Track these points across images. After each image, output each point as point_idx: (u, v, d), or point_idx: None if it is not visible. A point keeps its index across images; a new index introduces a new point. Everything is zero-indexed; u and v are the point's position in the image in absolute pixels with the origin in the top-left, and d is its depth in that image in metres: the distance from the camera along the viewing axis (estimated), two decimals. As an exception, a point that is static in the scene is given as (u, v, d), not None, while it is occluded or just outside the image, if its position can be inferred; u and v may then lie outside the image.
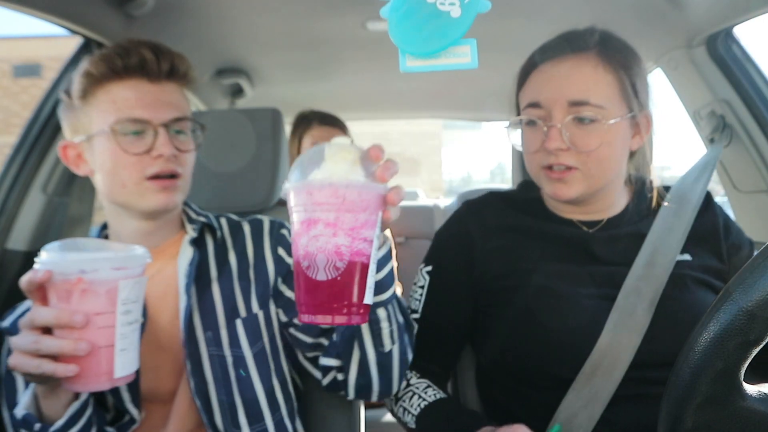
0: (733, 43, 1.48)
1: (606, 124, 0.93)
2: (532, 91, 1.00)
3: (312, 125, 2.12)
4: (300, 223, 0.65)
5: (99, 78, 0.95)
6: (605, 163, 0.96)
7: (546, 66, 0.98)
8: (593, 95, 0.93)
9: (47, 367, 0.72)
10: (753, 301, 0.50)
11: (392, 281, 0.86)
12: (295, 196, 0.65)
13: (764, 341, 0.51)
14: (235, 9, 1.51)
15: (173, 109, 0.98)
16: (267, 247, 1.10)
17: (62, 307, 0.72)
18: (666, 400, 0.54)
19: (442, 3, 0.64)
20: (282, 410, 1.05)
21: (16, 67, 15.77)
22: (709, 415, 0.52)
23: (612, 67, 0.96)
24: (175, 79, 1.00)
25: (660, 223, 1.01)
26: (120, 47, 0.95)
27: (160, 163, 0.96)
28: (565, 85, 0.95)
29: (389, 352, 0.93)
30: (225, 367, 1.01)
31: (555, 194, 0.98)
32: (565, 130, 0.94)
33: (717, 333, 0.51)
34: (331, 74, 2.17)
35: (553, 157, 0.95)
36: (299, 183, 0.64)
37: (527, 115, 0.99)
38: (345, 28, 1.66)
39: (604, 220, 1.05)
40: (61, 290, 0.72)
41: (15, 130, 1.63)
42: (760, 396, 0.53)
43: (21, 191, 1.42)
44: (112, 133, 0.94)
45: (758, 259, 0.51)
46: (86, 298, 0.72)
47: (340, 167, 0.64)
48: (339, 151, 0.65)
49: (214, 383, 1.00)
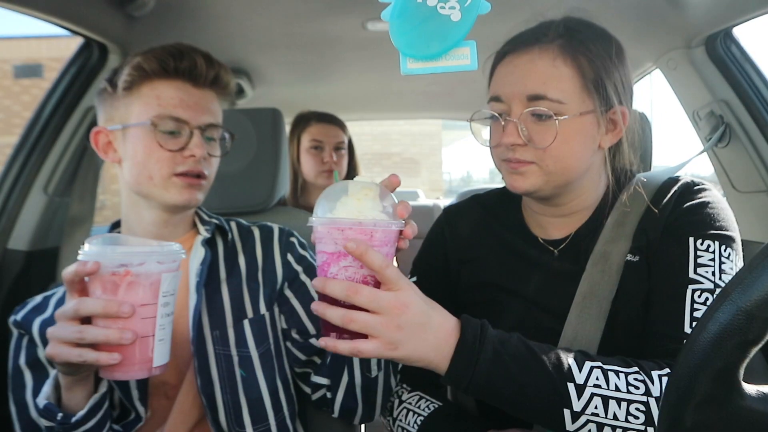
0: (732, 44, 1.48)
1: (563, 120, 0.89)
2: (495, 85, 0.97)
3: (310, 123, 2.12)
4: (330, 254, 0.72)
5: (149, 73, 0.99)
6: (564, 159, 0.91)
7: (508, 58, 0.95)
8: (551, 89, 0.89)
9: (90, 356, 0.74)
10: (751, 300, 0.50)
11: None
12: (325, 231, 0.72)
13: (763, 341, 0.51)
14: (235, 9, 1.51)
15: (210, 115, 1.03)
16: (276, 252, 1.13)
17: (108, 297, 0.75)
18: (665, 399, 0.54)
19: (442, 6, 0.64)
20: (284, 410, 1.06)
21: (17, 68, 15.78)
22: (708, 414, 0.52)
23: (573, 59, 0.90)
24: (217, 88, 1.06)
25: (611, 221, 0.97)
26: (174, 49, 1.00)
27: (191, 163, 1.00)
28: (523, 79, 0.91)
29: (375, 378, 0.99)
30: (231, 366, 1.03)
31: (512, 186, 0.95)
32: (522, 125, 0.90)
33: (716, 333, 0.51)
34: (331, 74, 2.18)
35: (511, 152, 0.92)
36: (330, 219, 0.71)
37: (490, 109, 0.96)
38: (345, 29, 1.66)
39: (570, 236, 1.00)
40: (108, 282, 0.75)
41: (16, 131, 1.64)
42: (760, 396, 0.53)
43: (22, 191, 1.42)
44: (151, 126, 0.98)
45: (757, 259, 0.51)
46: (132, 290, 0.76)
47: (364, 204, 0.73)
48: (362, 188, 0.73)
49: (219, 382, 1.01)
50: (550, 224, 1.03)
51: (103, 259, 0.75)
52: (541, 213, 1.03)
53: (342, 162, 2.15)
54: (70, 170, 1.50)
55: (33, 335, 1.00)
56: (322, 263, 0.73)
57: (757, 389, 0.54)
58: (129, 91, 1.00)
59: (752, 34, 2.65)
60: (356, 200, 0.73)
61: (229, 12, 1.52)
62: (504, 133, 0.92)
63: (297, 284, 1.11)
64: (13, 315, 1.03)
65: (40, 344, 1.00)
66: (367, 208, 0.72)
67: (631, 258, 0.94)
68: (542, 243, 1.02)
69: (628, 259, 0.94)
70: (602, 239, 0.96)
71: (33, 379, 0.99)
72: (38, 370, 1.00)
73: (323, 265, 0.73)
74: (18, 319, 1.02)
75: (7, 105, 15.44)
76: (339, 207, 0.73)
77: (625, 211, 0.96)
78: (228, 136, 1.09)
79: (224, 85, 1.06)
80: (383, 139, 16.00)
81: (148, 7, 1.40)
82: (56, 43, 14.64)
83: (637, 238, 0.94)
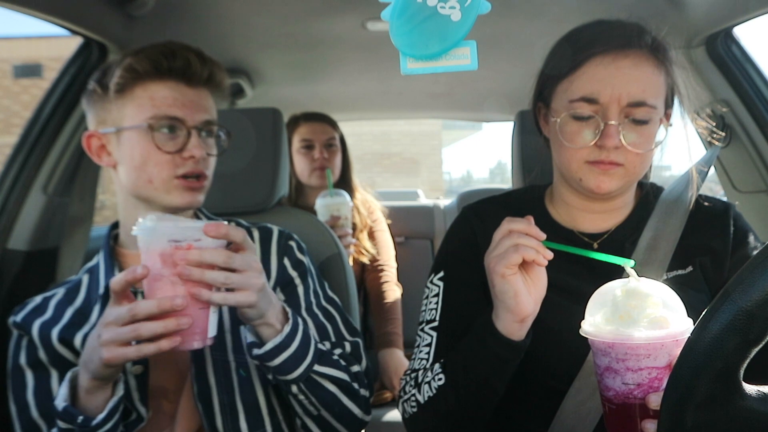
0: (732, 44, 1.48)
1: (656, 124, 0.93)
2: (587, 85, 0.93)
3: (299, 124, 2.13)
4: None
5: (141, 74, 0.97)
6: (647, 162, 0.95)
7: (605, 59, 0.92)
8: (649, 96, 0.91)
9: (150, 349, 0.78)
10: (752, 300, 0.50)
11: (298, 363, 0.92)
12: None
13: (764, 341, 0.51)
14: (235, 9, 1.51)
15: (205, 113, 1.02)
16: (274, 254, 1.12)
17: (167, 272, 0.79)
18: (666, 399, 0.54)
19: (442, 6, 0.64)
20: (279, 415, 1.06)
21: (17, 67, 15.75)
22: (709, 414, 0.52)
23: (664, 68, 0.94)
24: (211, 86, 1.04)
25: (650, 230, 1.00)
26: (166, 48, 0.98)
27: (191, 164, 0.99)
28: (626, 84, 0.91)
29: (319, 415, 0.99)
30: (228, 371, 1.02)
31: (597, 187, 0.94)
32: (622, 128, 0.91)
33: (716, 333, 0.51)
34: (331, 74, 2.17)
35: (605, 153, 0.92)
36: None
37: (580, 108, 0.93)
38: (345, 28, 1.66)
39: (610, 230, 1.02)
40: (169, 255, 0.79)
41: (16, 131, 1.63)
42: (760, 396, 0.53)
43: (22, 191, 1.42)
44: (148, 128, 0.96)
45: (757, 259, 0.51)
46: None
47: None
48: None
49: (216, 386, 1.00)
50: (586, 219, 1.04)
51: (171, 234, 0.79)
52: (582, 209, 1.04)
53: (334, 159, 2.13)
54: (70, 170, 1.50)
55: (33, 337, 0.99)
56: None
57: (758, 389, 0.53)
58: (121, 93, 0.98)
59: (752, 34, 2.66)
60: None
61: (229, 12, 1.52)
62: (605, 136, 0.91)
63: (289, 290, 1.10)
64: (13, 316, 1.03)
65: (40, 346, 0.99)
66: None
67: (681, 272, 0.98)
68: (579, 236, 1.03)
69: (678, 273, 0.97)
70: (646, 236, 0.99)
71: (34, 379, 0.99)
72: (39, 370, 1.00)
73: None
74: (18, 320, 1.02)
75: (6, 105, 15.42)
76: None
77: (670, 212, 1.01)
78: (224, 134, 1.08)
79: (218, 82, 1.05)
80: (383, 139, 15.99)
81: (147, 6, 1.40)
82: (56, 43, 14.61)
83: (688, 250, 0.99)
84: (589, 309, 0.76)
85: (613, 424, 0.72)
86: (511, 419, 1.03)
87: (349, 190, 2.16)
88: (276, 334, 0.90)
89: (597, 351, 0.72)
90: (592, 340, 0.72)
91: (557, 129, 0.96)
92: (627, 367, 0.69)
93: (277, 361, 0.90)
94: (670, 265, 0.97)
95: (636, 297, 0.70)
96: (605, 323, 0.71)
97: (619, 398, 0.70)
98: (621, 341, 0.68)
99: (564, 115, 0.94)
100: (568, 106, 0.94)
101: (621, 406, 0.70)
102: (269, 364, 0.91)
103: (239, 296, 0.82)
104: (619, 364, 0.69)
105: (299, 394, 0.96)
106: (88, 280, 1.08)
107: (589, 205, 1.03)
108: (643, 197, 1.06)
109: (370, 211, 2.24)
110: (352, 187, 2.21)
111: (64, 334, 1.00)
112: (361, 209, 2.18)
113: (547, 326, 0.95)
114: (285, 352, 0.90)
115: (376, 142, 15.74)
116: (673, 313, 0.70)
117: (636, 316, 0.69)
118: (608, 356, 0.70)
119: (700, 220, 1.02)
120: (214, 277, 0.80)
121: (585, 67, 0.93)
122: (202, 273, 0.79)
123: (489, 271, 0.88)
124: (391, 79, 2.22)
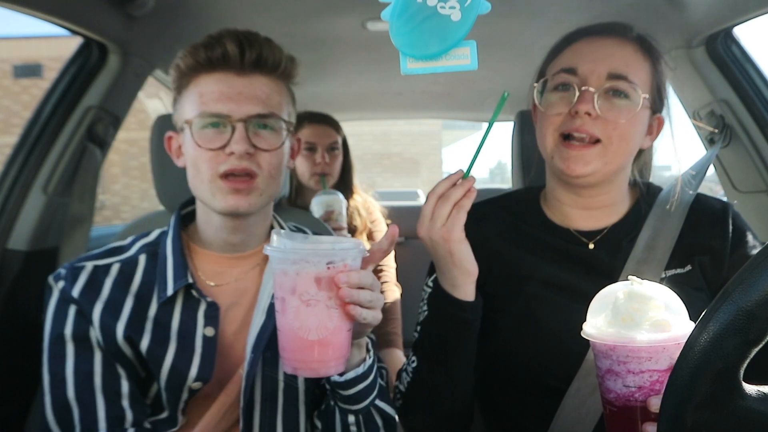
0: (732, 44, 1.48)
1: (636, 104, 0.93)
2: (569, 59, 0.98)
3: (303, 125, 2.12)
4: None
5: (186, 71, 0.95)
6: (627, 141, 0.94)
7: (590, 39, 0.99)
8: (632, 73, 0.94)
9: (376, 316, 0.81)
10: (752, 300, 0.50)
11: (369, 394, 0.91)
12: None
13: (764, 341, 0.51)
14: (235, 9, 1.51)
15: (257, 104, 0.93)
16: None
17: (323, 295, 0.77)
18: (666, 399, 0.54)
19: (442, 6, 0.64)
20: None
21: (17, 68, 15.74)
22: (709, 414, 0.52)
23: (650, 57, 0.98)
24: (264, 71, 0.95)
25: (649, 228, 1.00)
26: (209, 38, 0.93)
27: (233, 161, 0.91)
28: (607, 57, 0.95)
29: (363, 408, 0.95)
30: (275, 390, 0.98)
31: (569, 169, 0.94)
32: (599, 97, 0.92)
33: (716, 333, 0.51)
34: (331, 74, 2.17)
35: (579, 121, 0.92)
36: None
37: (560, 79, 0.96)
38: (345, 29, 1.66)
39: (606, 229, 1.03)
40: (327, 278, 0.77)
41: (16, 131, 1.63)
42: (760, 396, 0.53)
43: (21, 191, 1.42)
44: (191, 125, 0.94)
45: (757, 259, 0.51)
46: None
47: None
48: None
49: (260, 402, 0.97)
50: (580, 217, 1.04)
51: (334, 257, 0.77)
52: (573, 206, 1.04)
53: (335, 163, 2.13)
54: (70, 170, 1.50)
55: (93, 322, 0.92)
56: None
57: (758, 389, 0.53)
58: (179, 92, 0.97)
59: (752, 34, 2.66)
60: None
61: (229, 11, 1.52)
62: (580, 101, 0.92)
63: None
64: (64, 281, 0.94)
65: (100, 334, 0.92)
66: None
67: (680, 270, 0.98)
68: (575, 234, 1.04)
69: (677, 272, 0.98)
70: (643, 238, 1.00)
71: (75, 355, 0.91)
72: (84, 347, 0.92)
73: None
74: (75, 295, 0.93)
75: (6, 105, 15.42)
76: None
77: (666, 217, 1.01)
78: (284, 124, 0.97)
79: (272, 65, 0.95)
80: (383, 139, 15.99)
81: (147, 6, 1.40)
82: (56, 43, 14.61)
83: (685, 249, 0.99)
84: (590, 311, 0.76)
85: (614, 426, 0.72)
86: (511, 419, 1.03)
87: (350, 192, 2.16)
88: (361, 358, 0.89)
89: (598, 353, 0.72)
90: (593, 342, 0.72)
91: (539, 104, 0.99)
92: (628, 370, 0.69)
93: (352, 390, 0.89)
94: (668, 264, 0.97)
95: (638, 300, 0.70)
96: (607, 326, 0.71)
97: (620, 401, 0.70)
98: (623, 344, 0.68)
99: (546, 89, 0.99)
100: (551, 79, 0.98)
101: (622, 408, 0.70)
102: (343, 393, 0.88)
103: (377, 314, 0.81)
104: (620, 367, 0.69)
105: (353, 426, 0.93)
106: (145, 263, 1.00)
107: (579, 200, 1.03)
108: (640, 197, 1.06)
109: (369, 212, 2.24)
110: (352, 190, 2.21)
111: (130, 333, 0.93)
112: (361, 211, 2.18)
113: (546, 325, 0.95)
114: (362, 383, 0.89)
115: (376, 142, 15.74)
116: (675, 316, 0.70)
117: (638, 319, 0.69)
118: (610, 359, 0.70)
119: (698, 220, 1.01)
120: (368, 298, 0.78)
121: (571, 46, 0.99)
122: (359, 294, 0.77)
123: (444, 242, 0.89)
124: (391, 79, 2.22)
